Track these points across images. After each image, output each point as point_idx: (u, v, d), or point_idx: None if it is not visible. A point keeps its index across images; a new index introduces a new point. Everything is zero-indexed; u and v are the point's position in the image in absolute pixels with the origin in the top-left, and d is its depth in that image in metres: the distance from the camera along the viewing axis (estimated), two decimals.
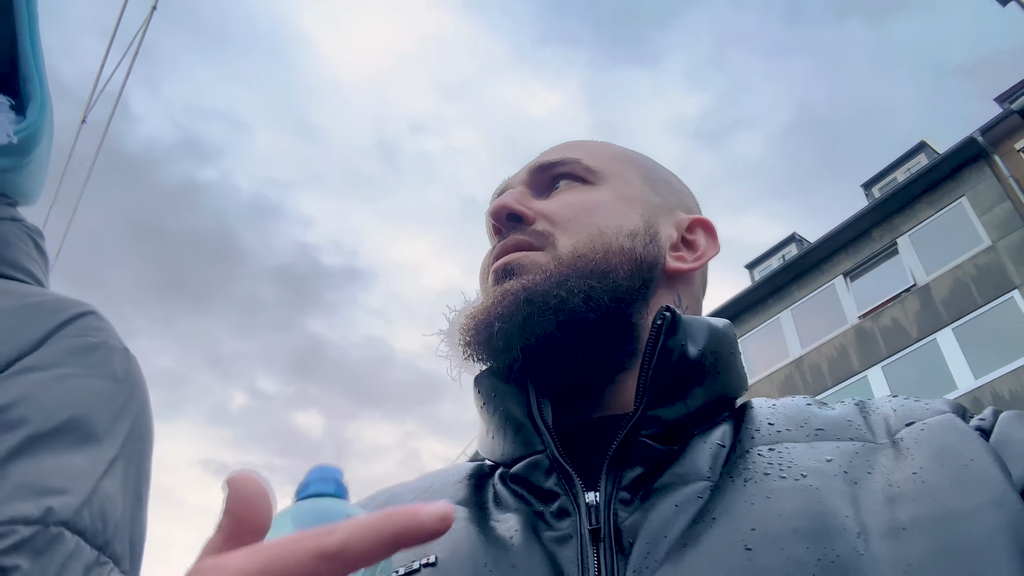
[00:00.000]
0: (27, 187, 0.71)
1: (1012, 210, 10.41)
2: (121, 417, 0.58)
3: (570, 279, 0.57)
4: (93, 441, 0.54)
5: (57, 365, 0.56)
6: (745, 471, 0.47)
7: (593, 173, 0.67)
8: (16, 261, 0.66)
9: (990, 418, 0.50)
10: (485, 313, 0.58)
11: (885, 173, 15.08)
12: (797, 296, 13.04)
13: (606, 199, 0.64)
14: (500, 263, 0.61)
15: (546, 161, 0.69)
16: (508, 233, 0.63)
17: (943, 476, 0.43)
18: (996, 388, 9.41)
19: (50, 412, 0.52)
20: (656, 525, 0.45)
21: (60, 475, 0.50)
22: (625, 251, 0.60)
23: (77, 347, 0.58)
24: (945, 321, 10.56)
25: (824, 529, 0.41)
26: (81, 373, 0.57)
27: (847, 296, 12.26)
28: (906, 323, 11.11)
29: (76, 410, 0.54)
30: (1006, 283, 10.06)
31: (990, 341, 9.89)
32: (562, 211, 0.63)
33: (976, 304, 10.30)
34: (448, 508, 0.27)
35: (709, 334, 0.57)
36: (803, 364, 12.30)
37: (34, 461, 0.49)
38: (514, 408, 0.57)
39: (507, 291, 0.57)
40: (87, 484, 0.51)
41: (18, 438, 0.50)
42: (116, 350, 0.62)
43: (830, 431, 0.51)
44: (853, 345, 11.70)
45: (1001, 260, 10.26)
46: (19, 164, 0.68)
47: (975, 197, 11.00)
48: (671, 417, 0.52)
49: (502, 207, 0.63)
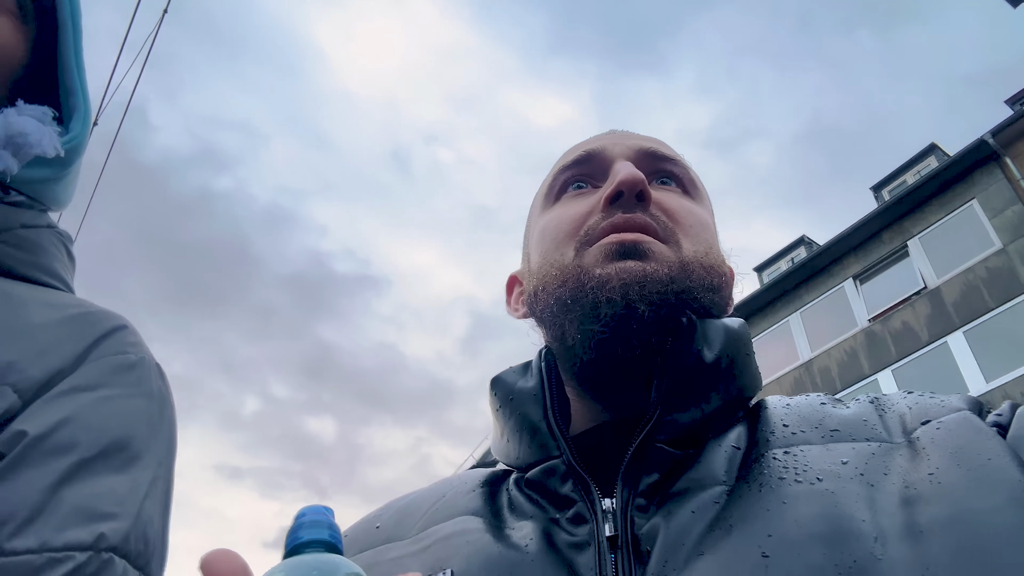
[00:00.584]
0: (62, 195, 0.73)
1: (1023, 213, 10.33)
2: (158, 436, 0.60)
3: (687, 282, 0.57)
4: (136, 462, 0.56)
5: (101, 386, 0.57)
6: (760, 476, 0.47)
7: (695, 187, 0.67)
8: (52, 269, 0.67)
9: (1007, 413, 0.49)
10: (596, 281, 0.56)
11: (895, 176, 15.00)
12: (806, 299, 12.98)
13: (710, 220, 0.65)
14: (630, 238, 0.58)
15: (659, 152, 0.67)
16: (631, 208, 0.60)
17: (960, 476, 0.42)
18: (1008, 391, 9.34)
19: (97, 434, 0.54)
20: (674, 532, 0.44)
21: (109, 499, 0.51)
22: (724, 276, 0.62)
23: (117, 365, 0.60)
24: (956, 324, 10.49)
25: (841, 534, 0.40)
26: (122, 393, 0.59)
27: (857, 299, 12.19)
28: (916, 326, 11.04)
29: (120, 432, 0.56)
30: (1017, 286, 9.98)
31: (1001, 344, 9.82)
32: (685, 215, 0.62)
33: (987, 307, 10.23)
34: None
35: (725, 336, 0.56)
36: (812, 367, 12.24)
37: (84, 485, 0.51)
38: (531, 411, 0.57)
39: (630, 270, 0.55)
40: (133, 508, 0.53)
41: (69, 462, 0.51)
42: (151, 367, 0.63)
43: (845, 431, 0.50)
44: (863, 348, 11.63)
45: (1012, 263, 10.19)
46: (61, 175, 0.69)
47: (986, 199, 10.93)
48: (686, 421, 0.52)
49: (640, 181, 0.59)
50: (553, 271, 0.60)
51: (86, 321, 0.62)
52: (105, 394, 0.57)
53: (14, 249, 0.64)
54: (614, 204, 0.60)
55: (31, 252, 0.66)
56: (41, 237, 0.68)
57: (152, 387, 0.62)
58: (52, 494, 0.49)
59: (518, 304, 0.71)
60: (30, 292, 0.62)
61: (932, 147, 14.47)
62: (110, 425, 0.56)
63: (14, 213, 0.65)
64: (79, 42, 0.72)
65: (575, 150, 0.69)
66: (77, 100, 0.71)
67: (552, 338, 0.61)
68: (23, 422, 0.51)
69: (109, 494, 0.52)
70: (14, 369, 0.54)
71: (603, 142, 0.68)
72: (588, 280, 0.56)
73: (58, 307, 0.62)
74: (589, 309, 0.55)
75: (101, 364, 0.59)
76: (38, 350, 0.56)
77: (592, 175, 0.66)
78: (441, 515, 0.56)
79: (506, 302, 0.75)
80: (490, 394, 0.62)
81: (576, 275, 0.58)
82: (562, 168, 0.68)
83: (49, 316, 0.60)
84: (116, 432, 0.55)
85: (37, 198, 0.69)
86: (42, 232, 0.68)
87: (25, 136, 0.63)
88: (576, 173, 0.67)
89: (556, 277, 0.60)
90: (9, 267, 0.63)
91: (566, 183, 0.67)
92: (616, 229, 0.59)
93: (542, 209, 0.68)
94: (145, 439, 0.58)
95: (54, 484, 0.49)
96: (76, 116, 0.71)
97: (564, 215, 0.64)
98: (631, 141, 0.68)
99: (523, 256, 0.72)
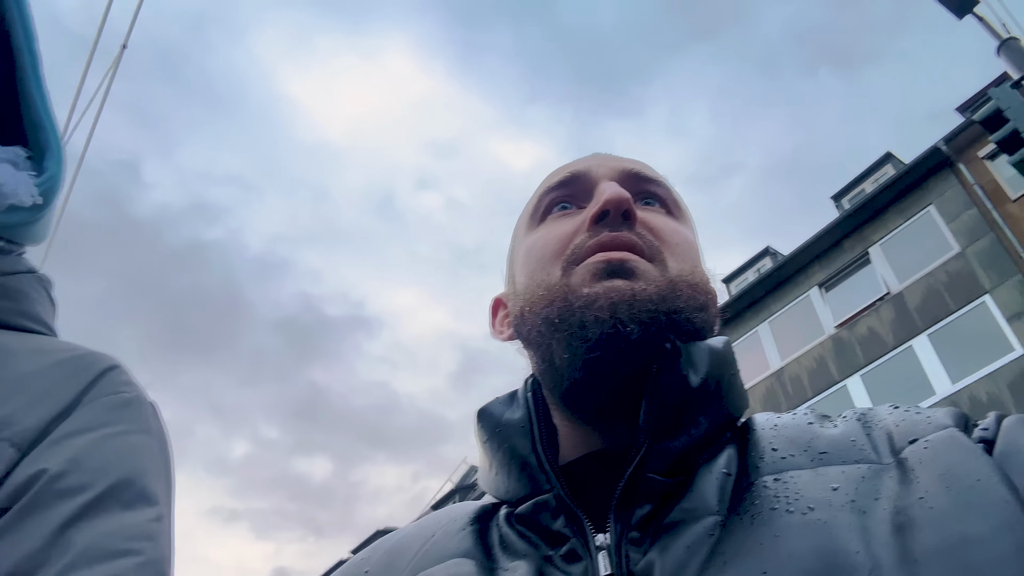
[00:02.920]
0: (40, 234, 0.71)
1: (979, 216, 10.64)
2: (161, 471, 0.59)
3: (677, 302, 0.56)
4: (144, 498, 0.55)
5: (100, 425, 0.56)
6: (752, 506, 0.46)
7: (679, 208, 0.67)
8: (36, 315, 0.66)
9: (992, 428, 0.49)
10: (584, 300, 0.55)
11: (853, 184, 15.36)
12: (774, 308, 13.18)
13: (694, 240, 0.65)
14: (617, 257, 0.57)
15: (642, 173, 0.67)
16: (617, 227, 0.59)
17: (950, 501, 0.42)
18: (974, 392, 9.55)
19: (103, 474, 0.53)
20: (669, 569, 0.43)
21: (120, 537, 0.50)
22: (711, 295, 0.62)
23: (114, 404, 0.59)
24: (920, 328, 10.72)
25: (835, 568, 0.40)
26: (124, 430, 0.58)
27: (823, 307, 12.41)
28: (882, 331, 11.26)
29: (125, 469, 0.55)
30: (977, 288, 10.25)
31: (965, 346, 10.05)
32: (671, 233, 0.62)
33: (949, 310, 10.48)
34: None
35: (710, 358, 0.55)
36: (783, 376, 12.39)
37: (94, 525, 0.50)
38: (519, 444, 0.55)
39: (618, 288, 0.55)
40: (148, 544, 0.52)
41: (77, 504, 0.50)
42: (146, 405, 0.63)
43: (834, 454, 0.50)
44: (831, 355, 11.82)
45: (971, 266, 10.46)
46: (37, 217, 0.67)
47: (942, 205, 11.23)
48: (677, 448, 0.51)
49: (626, 200, 0.60)
50: (540, 291, 0.60)
51: (78, 365, 0.60)
52: (106, 432, 0.56)
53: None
54: (600, 223, 0.60)
55: (14, 300, 0.64)
56: (23, 284, 0.66)
57: (150, 424, 0.61)
58: (60, 537, 0.47)
59: (503, 327, 0.71)
60: (17, 340, 0.61)
61: (888, 156, 14.87)
62: (115, 462, 0.55)
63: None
64: (38, 72, 0.68)
65: (559, 172, 0.69)
66: (48, 136, 0.68)
67: (539, 359, 0.60)
68: (21, 472, 0.50)
69: (120, 531, 0.51)
70: (8, 423, 0.52)
71: (587, 164, 0.68)
72: (576, 299, 0.56)
73: (47, 353, 0.60)
74: (577, 328, 0.54)
75: (96, 406, 0.58)
76: (31, 399, 0.55)
77: (577, 196, 0.66)
78: (431, 558, 0.54)
79: (490, 324, 0.74)
80: (476, 426, 0.61)
81: (563, 294, 0.57)
82: (547, 190, 0.68)
83: (39, 363, 0.59)
84: (122, 469, 0.55)
85: (15, 241, 0.67)
86: (23, 278, 0.66)
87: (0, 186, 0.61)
88: (561, 194, 0.67)
89: (543, 297, 0.59)
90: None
91: (551, 204, 0.67)
92: (603, 248, 0.58)
93: (527, 230, 0.68)
94: (150, 475, 0.57)
95: (61, 527, 0.48)
96: (49, 154, 0.68)
97: (550, 235, 0.63)
98: (615, 163, 0.68)
99: (507, 278, 0.71)
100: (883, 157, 14.91)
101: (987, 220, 10.53)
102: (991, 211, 10.51)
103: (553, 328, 0.57)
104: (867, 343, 11.39)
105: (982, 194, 10.70)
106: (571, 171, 0.67)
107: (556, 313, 0.57)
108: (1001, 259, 10.12)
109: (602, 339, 0.53)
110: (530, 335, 0.61)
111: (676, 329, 0.55)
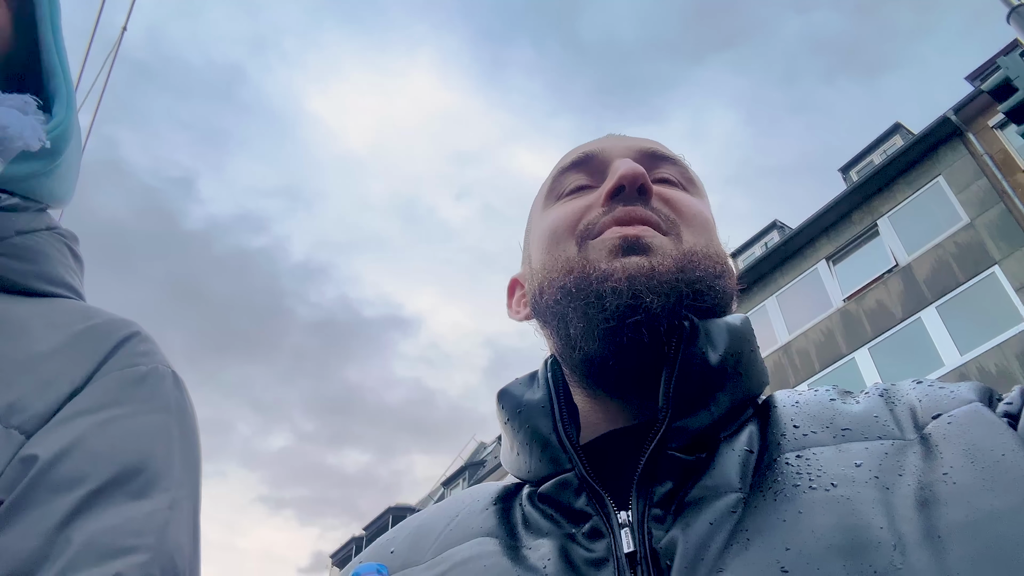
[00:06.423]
0: (59, 190, 0.67)
1: (988, 187, 10.53)
2: (176, 452, 0.55)
3: (696, 272, 0.56)
4: (153, 486, 0.51)
5: (107, 405, 0.52)
6: (775, 483, 0.46)
7: (694, 185, 0.67)
8: (56, 276, 0.62)
9: (1017, 401, 0.48)
10: (601, 274, 0.55)
11: (862, 156, 15.21)
12: (781, 283, 13.13)
13: (709, 215, 0.65)
14: (633, 232, 0.57)
15: (657, 151, 0.67)
16: (632, 202, 0.60)
17: (975, 475, 0.42)
18: (982, 363, 9.52)
19: (106, 461, 0.49)
20: (692, 546, 0.44)
21: (125, 532, 0.46)
22: (727, 267, 0.62)
23: (125, 380, 0.55)
24: (928, 300, 10.66)
25: (860, 544, 0.39)
26: (133, 411, 0.54)
27: (831, 280, 12.35)
28: (890, 304, 11.21)
29: (132, 455, 0.51)
30: (986, 259, 10.17)
31: (974, 317, 10.00)
32: (686, 206, 0.62)
33: (958, 281, 10.41)
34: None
35: (729, 335, 0.55)
36: (791, 350, 12.37)
37: (96, 519, 0.46)
38: (540, 424, 0.56)
39: (636, 265, 0.55)
40: (153, 538, 0.48)
41: (77, 497, 0.46)
42: (165, 377, 0.58)
43: (857, 430, 0.50)
44: (839, 328, 11.78)
45: (980, 237, 10.38)
46: (51, 167, 0.63)
47: (951, 176, 11.12)
48: (697, 426, 0.51)
49: (641, 175, 0.60)
50: (557, 264, 0.60)
51: (92, 337, 0.57)
52: (112, 414, 0.52)
53: (12, 260, 0.59)
54: (615, 199, 0.60)
55: (31, 261, 0.60)
56: (40, 242, 0.62)
57: (168, 400, 0.57)
58: (58, 534, 0.44)
59: (520, 306, 0.71)
60: (33, 309, 0.57)
61: (897, 126, 14.69)
62: (120, 449, 0.51)
63: (7, 219, 0.60)
64: (56, 18, 0.66)
65: (574, 152, 0.69)
66: (58, 82, 0.65)
67: (556, 333, 0.60)
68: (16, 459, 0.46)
69: (125, 526, 0.46)
70: (16, 409, 0.49)
71: (602, 144, 0.68)
72: (593, 272, 0.56)
73: (62, 326, 0.57)
74: (594, 298, 0.55)
75: (107, 381, 0.54)
76: (42, 382, 0.51)
77: (592, 175, 0.66)
78: (456, 537, 0.55)
79: (507, 305, 0.75)
80: (497, 407, 0.61)
81: (581, 266, 0.57)
82: (562, 170, 0.68)
83: (53, 339, 0.55)
84: (128, 456, 0.50)
85: (31, 196, 0.63)
86: (41, 236, 0.62)
87: (5, 129, 0.57)
88: (576, 173, 0.67)
89: (560, 268, 0.59)
90: (9, 281, 0.58)
91: (566, 183, 0.67)
92: (618, 222, 0.58)
93: (543, 209, 0.68)
94: (162, 459, 0.53)
95: (60, 523, 0.44)
96: (58, 100, 0.65)
97: (565, 211, 0.63)
98: (629, 142, 0.68)
99: (524, 258, 0.72)
100: (892, 128, 14.74)
101: (997, 190, 10.42)
102: (1001, 181, 10.40)
103: (570, 297, 0.57)
104: (875, 316, 11.34)
105: (992, 164, 10.58)
106: (585, 151, 0.68)
107: (573, 283, 0.57)
108: (1011, 230, 10.03)
109: (619, 310, 0.53)
110: (546, 310, 0.61)
111: (697, 298, 0.55)
